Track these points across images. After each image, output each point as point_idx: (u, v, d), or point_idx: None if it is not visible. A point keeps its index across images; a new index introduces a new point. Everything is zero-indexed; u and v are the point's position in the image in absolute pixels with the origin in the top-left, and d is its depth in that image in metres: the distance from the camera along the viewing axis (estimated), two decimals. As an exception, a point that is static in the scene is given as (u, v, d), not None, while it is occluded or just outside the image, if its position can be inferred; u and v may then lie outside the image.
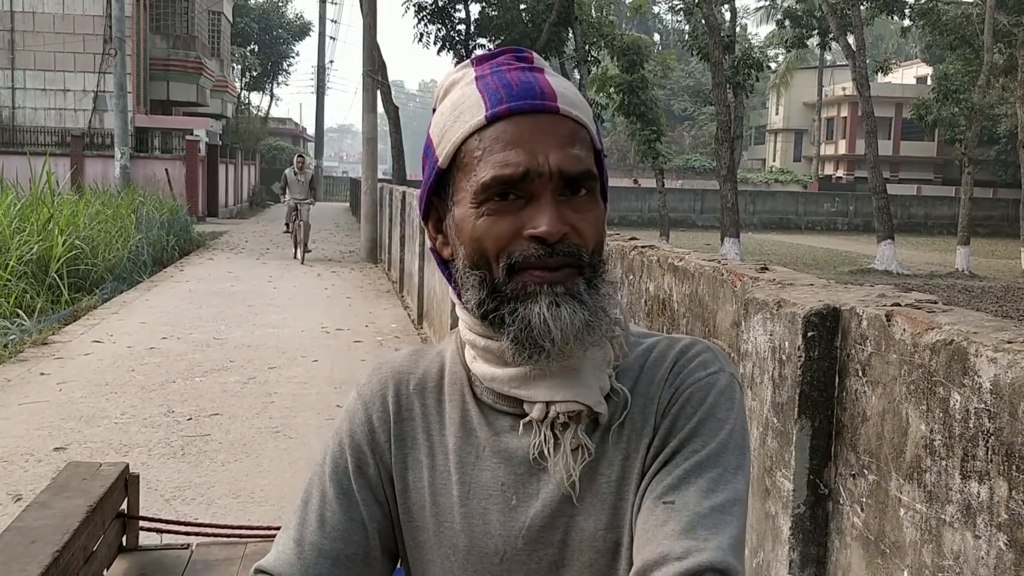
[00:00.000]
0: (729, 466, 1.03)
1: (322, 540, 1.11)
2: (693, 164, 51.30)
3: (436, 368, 1.18)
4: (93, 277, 12.17)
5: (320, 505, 1.13)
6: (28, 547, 1.94)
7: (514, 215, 1.02)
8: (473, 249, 1.04)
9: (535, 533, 1.07)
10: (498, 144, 1.02)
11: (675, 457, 1.03)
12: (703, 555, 0.93)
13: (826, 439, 1.91)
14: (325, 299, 12.18)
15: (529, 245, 1.01)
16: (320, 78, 54.84)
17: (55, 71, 27.13)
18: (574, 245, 1.02)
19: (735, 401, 1.07)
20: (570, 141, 1.03)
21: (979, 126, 25.74)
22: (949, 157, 46.14)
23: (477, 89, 1.04)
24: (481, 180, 1.02)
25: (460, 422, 1.13)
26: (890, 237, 22.65)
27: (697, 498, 0.99)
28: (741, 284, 2.28)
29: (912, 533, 1.62)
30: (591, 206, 1.04)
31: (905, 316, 1.68)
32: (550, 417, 1.06)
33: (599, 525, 1.06)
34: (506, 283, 1.03)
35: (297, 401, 6.75)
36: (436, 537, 1.12)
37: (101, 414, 6.25)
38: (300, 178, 17.08)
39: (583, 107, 1.06)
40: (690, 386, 1.07)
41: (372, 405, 1.17)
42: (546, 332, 1.00)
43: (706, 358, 1.10)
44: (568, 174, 1.01)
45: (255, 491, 4.86)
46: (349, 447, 1.16)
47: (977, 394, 1.45)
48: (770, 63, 30.38)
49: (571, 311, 1.01)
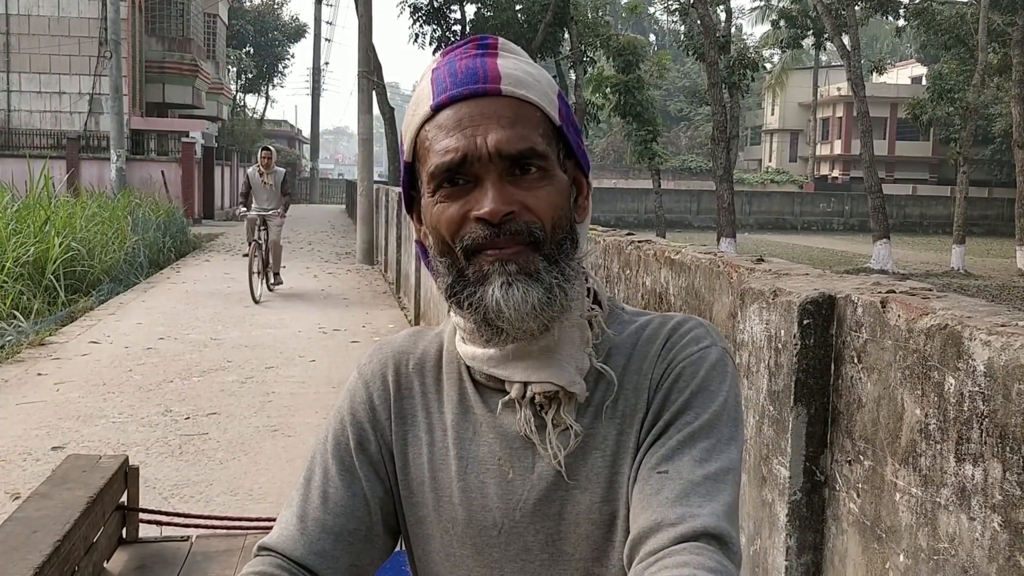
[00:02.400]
0: (722, 436, 1.04)
1: (325, 516, 1.12)
2: (689, 165, 51.36)
3: (435, 348, 1.20)
4: (90, 279, 12.16)
5: (323, 481, 1.14)
6: (29, 537, 1.94)
7: (463, 199, 1.04)
8: (436, 236, 1.07)
9: (532, 506, 1.09)
10: (441, 132, 1.04)
11: (668, 429, 1.05)
12: (697, 521, 0.95)
13: (822, 426, 1.92)
14: (322, 300, 12.18)
15: (476, 227, 1.03)
16: (315, 80, 54.82)
17: (50, 74, 27.09)
18: (523, 223, 1.03)
19: (727, 374, 1.09)
20: (511, 121, 1.04)
21: (974, 125, 25.80)
22: (944, 157, 46.24)
23: (430, 81, 1.08)
24: (429, 169, 1.05)
25: (458, 399, 1.15)
26: (886, 237, 22.70)
27: (690, 467, 1.00)
28: (737, 275, 2.29)
29: (908, 517, 1.63)
30: (543, 183, 1.05)
31: (900, 302, 1.69)
32: (527, 397, 1.08)
33: (595, 499, 1.08)
34: (467, 267, 1.05)
35: (295, 400, 6.76)
36: (435, 512, 1.14)
37: (99, 413, 6.25)
38: (267, 180, 12.38)
39: (535, 86, 1.07)
40: (682, 361, 1.09)
41: (373, 383, 1.19)
42: (499, 313, 1.02)
43: (698, 333, 1.12)
44: (508, 153, 1.03)
45: (253, 489, 4.87)
46: (351, 424, 1.17)
47: (971, 377, 1.47)
48: (765, 63, 30.43)
49: (523, 290, 1.02)
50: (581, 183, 1.14)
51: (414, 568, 1.20)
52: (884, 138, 50.27)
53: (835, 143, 53.81)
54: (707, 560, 0.92)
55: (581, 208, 1.14)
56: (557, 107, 1.09)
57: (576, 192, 1.13)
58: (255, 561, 1.12)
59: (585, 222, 1.14)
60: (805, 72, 54.05)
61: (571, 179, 1.11)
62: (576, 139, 1.12)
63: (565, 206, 1.08)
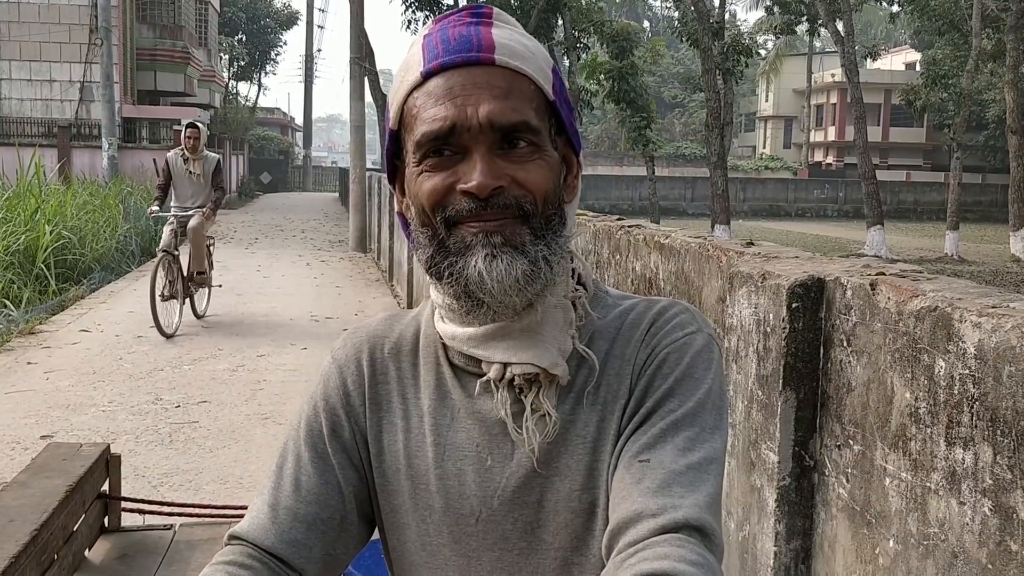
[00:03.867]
0: (706, 425, 1.01)
1: (297, 504, 1.09)
2: (683, 152, 51.26)
3: (411, 332, 1.17)
4: (81, 267, 12.10)
5: (295, 469, 1.12)
6: (5, 526, 1.91)
7: (449, 170, 1.00)
8: (417, 207, 1.04)
9: (510, 494, 1.06)
10: (430, 100, 1.01)
11: (651, 417, 1.02)
12: (679, 512, 0.92)
13: (811, 410, 1.90)
14: (314, 288, 12.14)
15: (462, 200, 0.99)
16: (308, 67, 54.60)
17: (41, 62, 26.92)
18: (512, 197, 1.00)
19: (712, 361, 1.06)
20: (504, 93, 1.00)
21: (968, 111, 25.76)
22: (938, 143, 46.27)
23: (421, 47, 1.03)
24: (415, 138, 1.01)
25: (435, 384, 1.12)
26: (880, 223, 22.70)
27: (673, 456, 0.97)
28: (726, 259, 2.27)
29: (897, 502, 1.61)
30: (534, 157, 1.01)
31: (890, 284, 1.67)
32: (507, 378, 1.05)
33: (574, 486, 1.05)
34: (448, 237, 1.01)
35: (286, 388, 6.73)
36: (411, 500, 1.11)
37: (88, 402, 6.21)
38: (193, 169, 8.99)
39: (530, 58, 1.03)
40: (666, 347, 1.05)
41: (347, 368, 1.16)
42: (481, 284, 0.99)
43: (683, 319, 1.08)
44: (500, 125, 0.99)
45: (243, 477, 4.84)
46: (324, 410, 1.14)
47: (962, 360, 1.44)
48: (759, 50, 30.36)
49: (508, 262, 0.99)
50: (571, 162, 1.10)
51: (389, 558, 1.17)
52: (878, 124, 50.24)
53: (829, 129, 53.77)
54: (688, 552, 0.89)
55: (570, 188, 1.10)
56: (551, 81, 1.05)
57: (565, 171, 1.09)
58: (225, 550, 1.09)
59: (573, 203, 1.10)
60: (799, 58, 53.94)
61: (561, 157, 1.07)
62: (568, 116, 1.08)
63: (556, 183, 1.04)
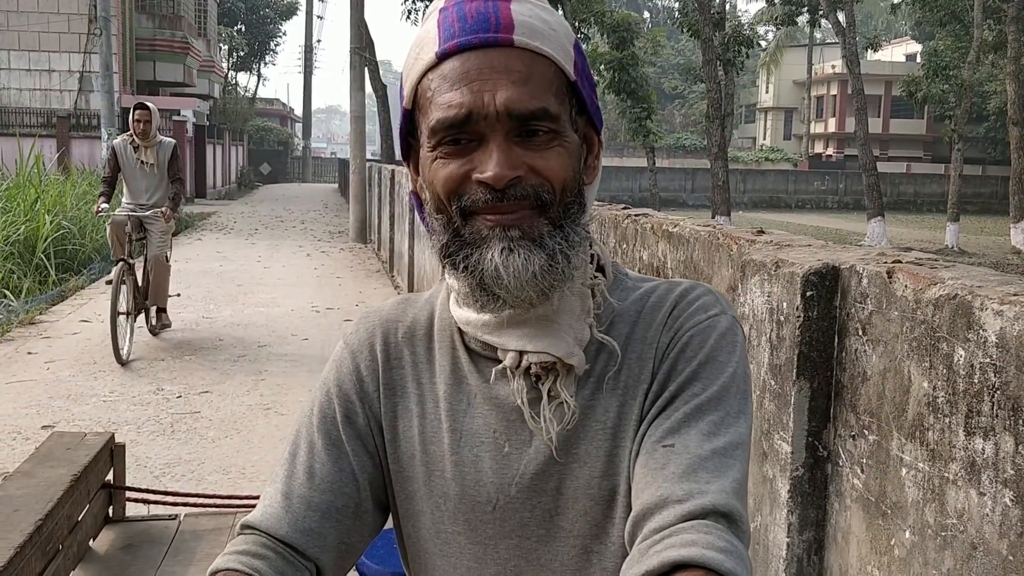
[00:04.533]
0: (731, 410, 0.99)
1: (311, 492, 1.07)
2: (684, 143, 51.20)
3: (425, 316, 1.14)
4: (80, 257, 12.08)
5: (308, 457, 1.09)
6: (10, 516, 1.89)
7: (466, 158, 0.97)
8: (432, 193, 1.01)
9: (528, 481, 1.04)
10: (445, 83, 0.97)
11: (675, 401, 0.99)
12: (705, 498, 0.90)
13: (825, 400, 1.88)
14: (315, 279, 12.12)
15: (478, 190, 0.96)
16: (307, 58, 54.48)
17: (40, 51, 26.83)
18: (530, 187, 0.96)
19: (737, 344, 1.03)
20: (524, 78, 0.96)
21: (968, 103, 25.72)
22: (938, 135, 46.11)
23: (436, 24, 0.99)
24: (430, 123, 0.98)
25: (451, 369, 1.09)
26: (880, 215, 22.68)
27: (698, 441, 0.95)
28: (738, 247, 2.24)
29: (914, 493, 1.59)
30: (553, 144, 0.98)
31: (907, 272, 1.64)
32: (523, 366, 1.02)
33: (594, 473, 1.03)
34: (464, 227, 0.99)
35: (288, 379, 6.71)
36: (426, 487, 1.08)
37: (89, 392, 6.20)
38: (145, 158, 7.65)
39: (551, 36, 0.99)
40: (690, 330, 1.03)
41: (360, 354, 1.13)
42: (497, 279, 0.96)
43: (706, 301, 1.06)
44: (518, 114, 0.95)
45: (245, 467, 4.83)
46: (337, 396, 1.12)
47: (982, 348, 1.42)
48: (760, 41, 30.28)
49: (525, 257, 0.96)
50: (592, 141, 1.07)
51: (403, 546, 1.15)
52: (878, 116, 50.17)
53: (829, 121, 53.70)
54: (715, 539, 0.87)
55: (590, 168, 1.07)
56: (573, 59, 1.01)
57: (586, 151, 1.06)
58: (238, 540, 1.07)
59: (594, 184, 1.07)
60: (800, 50, 53.82)
61: (582, 137, 1.04)
62: (590, 94, 1.04)
63: (575, 168, 1.01)
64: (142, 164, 7.66)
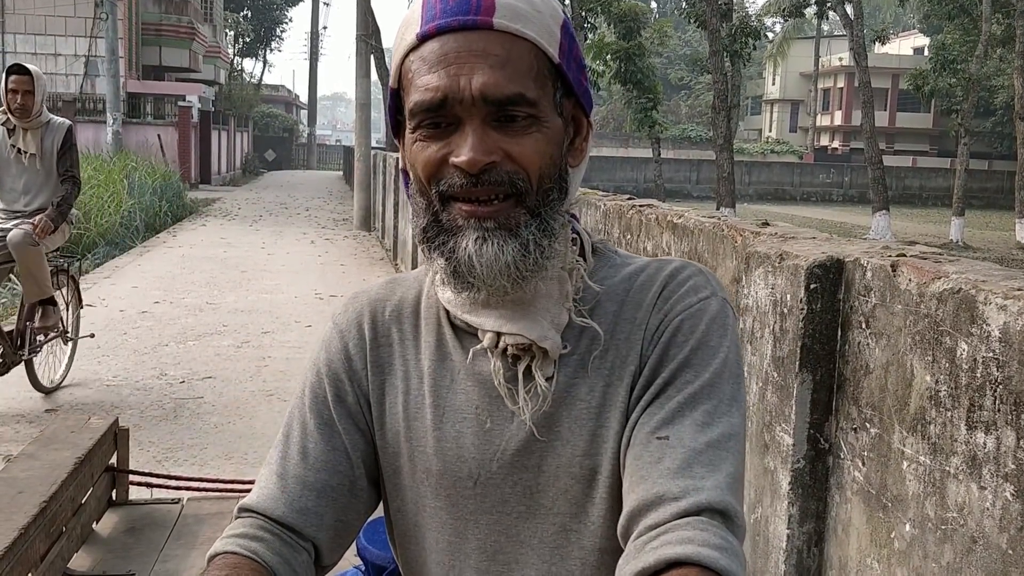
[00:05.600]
0: (724, 397, 0.99)
1: (306, 472, 1.08)
2: (689, 134, 51.08)
3: (414, 294, 1.16)
4: (85, 242, 12.10)
5: (302, 437, 1.10)
6: (15, 498, 1.91)
7: (444, 141, 0.98)
8: (414, 175, 1.02)
9: (509, 457, 1.05)
10: (424, 66, 0.97)
11: (667, 389, 1.00)
12: (701, 495, 0.90)
13: (827, 393, 1.88)
14: (319, 266, 12.13)
15: (454, 174, 0.97)
16: (313, 44, 54.39)
17: (46, 35, 26.81)
18: (505, 173, 0.96)
19: (728, 327, 1.03)
20: (502, 61, 0.95)
21: (976, 97, 25.64)
22: (945, 129, 46.02)
23: (421, 4, 0.99)
24: (409, 105, 0.99)
25: (435, 346, 1.10)
26: (885, 208, 22.63)
27: (692, 433, 0.95)
28: (742, 239, 2.24)
29: (915, 486, 1.60)
30: (531, 131, 0.98)
31: (911, 266, 1.64)
32: (500, 347, 1.03)
33: (576, 452, 1.03)
34: (442, 212, 0.99)
35: (291, 365, 6.72)
36: (410, 462, 1.09)
37: (93, 376, 6.21)
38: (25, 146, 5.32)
39: (534, 18, 0.98)
40: (680, 313, 1.03)
41: (348, 333, 1.14)
42: (471, 268, 0.97)
43: (697, 282, 1.05)
44: (494, 98, 0.95)
45: (248, 452, 4.84)
46: (327, 376, 1.13)
47: (985, 343, 1.42)
48: (767, 32, 30.19)
49: (498, 247, 0.96)
50: (580, 123, 1.07)
51: (390, 523, 1.16)
52: (885, 109, 50.00)
53: (835, 114, 53.54)
54: (711, 536, 0.87)
55: (577, 151, 1.07)
56: (558, 41, 1.00)
57: (574, 133, 1.06)
58: (235, 523, 1.08)
59: (580, 166, 1.07)
60: (806, 42, 53.63)
61: (569, 119, 1.04)
62: (578, 76, 1.04)
63: (555, 154, 1.01)
64: (19, 154, 5.34)
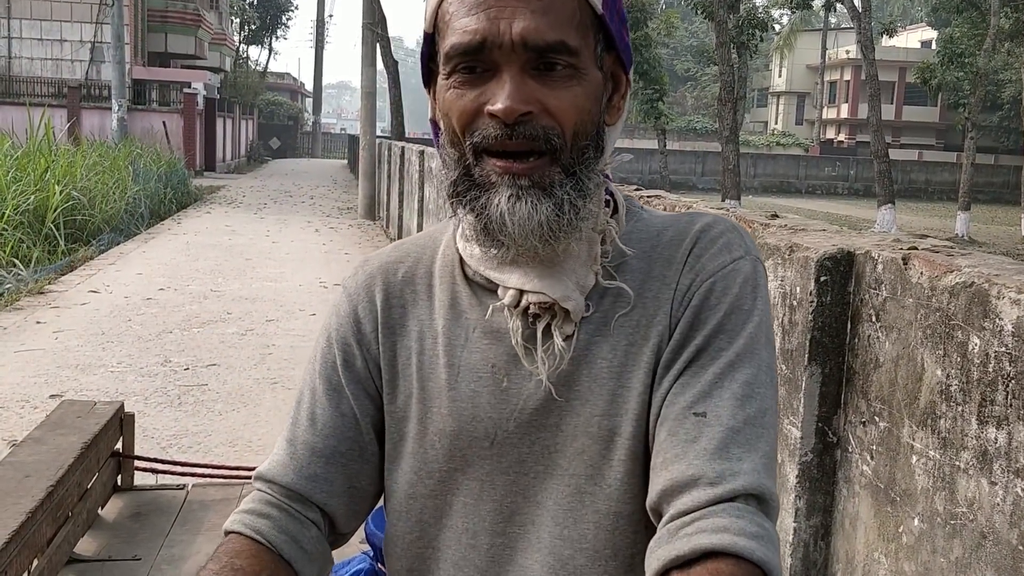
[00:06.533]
0: (762, 364, 0.96)
1: (314, 438, 1.07)
2: (695, 126, 50.96)
3: (428, 254, 1.13)
4: (90, 228, 12.09)
5: (311, 403, 1.09)
6: (22, 481, 1.91)
7: (479, 89, 0.94)
8: (447, 125, 0.98)
9: (528, 416, 1.02)
10: (463, 8, 0.94)
11: (700, 357, 0.96)
12: (737, 480, 0.88)
13: (836, 386, 1.87)
14: (323, 254, 12.12)
15: (490, 124, 0.94)
16: (319, 32, 54.27)
17: (52, 21, 26.79)
18: (540, 127, 0.93)
19: (759, 288, 1.00)
20: (544, 7, 0.92)
21: (983, 91, 25.54)
22: (952, 122, 45.89)
23: None
24: (445, 49, 0.96)
25: (449, 304, 1.07)
26: (891, 202, 22.56)
27: (731, 408, 0.92)
28: (751, 230, 2.23)
29: (924, 480, 1.59)
30: (570, 83, 0.95)
31: (923, 259, 1.63)
32: (522, 306, 1.00)
33: (595, 412, 0.99)
34: (475, 166, 0.97)
35: (295, 353, 6.72)
36: (420, 425, 1.06)
37: (97, 363, 6.22)
38: None
39: None
40: (713, 274, 0.99)
41: (357, 297, 1.12)
42: (502, 226, 0.94)
43: (730, 239, 1.01)
44: (534, 45, 0.92)
45: (252, 440, 4.85)
46: (336, 341, 1.11)
47: (998, 337, 1.41)
48: (774, 24, 30.07)
49: (531, 205, 0.94)
50: (620, 80, 1.04)
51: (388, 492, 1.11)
52: (891, 103, 49.84)
53: (842, 107, 53.39)
54: (747, 524, 0.86)
55: (615, 108, 1.04)
56: None
57: (612, 90, 1.03)
58: (248, 497, 1.09)
59: (617, 125, 1.05)
60: (814, 34, 53.44)
61: (608, 75, 1.01)
62: (620, 30, 1.01)
63: (593, 109, 0.98)
64: None
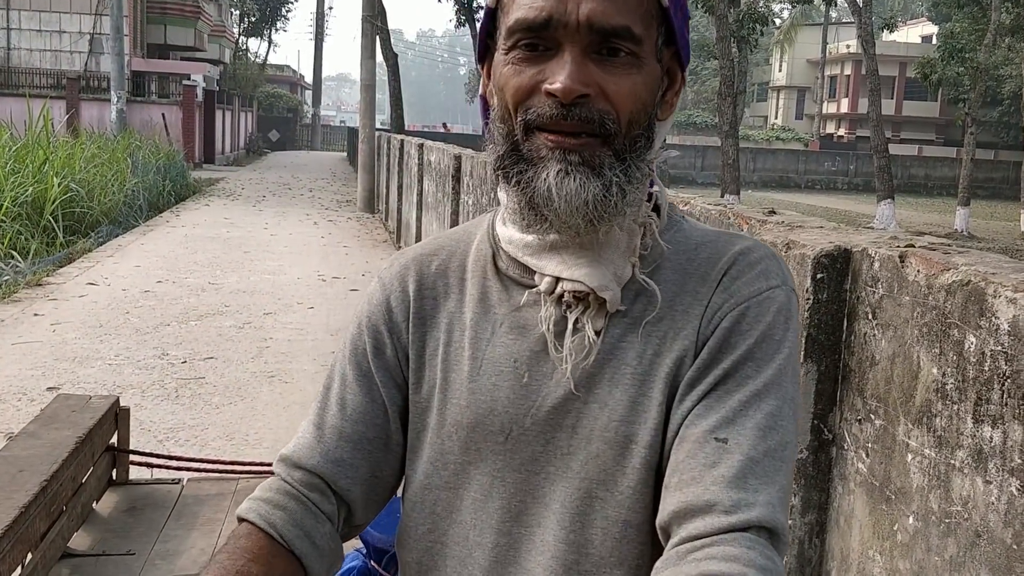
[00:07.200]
0: (787, 397, 0.95)
1: (343, 423, 1.08)
2: (694, 120, 50.94)
3: (462, 247, 1.13)
4: (88, 220, 12.09)
5: (341, 388, 1.10)
6: (16, 476, 1.90)
7: (538, 67, 0.94)
8: (500, 100, 0.98)
9: (545, 414, 1.01)
10: None
11: (727, 381, 0.95)
12: (752, 512, 0.88)
13: (832, 384, 1.87)
14: (321, 247, 12.11)
15: (545, 102, 0.93)
16: (319, 24, 54.17)
17: (51, 12, 26.76)
18: (596, 110, 0.93)
19: (791, 320, 0.99)
20: None
21: (983, 86, 25.51)
22: (951, 118, 45.81)
23: None
24: (508, 23, 0.95)
25: (479, 297, 1.08)
26: (890, 197, 22.56)
27: (753, 439, 0.92)
28: (748, 227, 2.23)
29: (919, 478, 1.59)
30: (630, 70, 0.94)
31: (920, 257, 1.63)
32: (557, 293, 1.00)
33: (613, 416, 0.99)
34: (524, 141, 0.96)
35: (293, 347, 6.72)
36: (439, 415, 1.07)
37: (95, 355, 6.21)
38: None
39: None
40: (748, 299, 0.98)
41: (391, 286, 1.13)
42: (548, 200, 0.94)
43: (767, 267, 1.01)
44: (599, 27, 0.92)
45: (249, 433, 4.85)
46: (367, 328, 1.12)
47: (994, 336, 1.41)
48: (775, 18, 30.03)
49: (580, 182, 0.93)
50: (675, 76, 1.04)
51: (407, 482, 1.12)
52: (891, 97, 49.80)
53: (842, 101, 53.34)
54: (757, 556, 0.85)
55: (667, 104, 1.03)
56: None
57: (667, 86, 1.03)
58: (267, 482, 1.09)
59: (667, 121, 1.04)
60: (814, 28, 53.39)
61: (665, 70, 1.01)
62: (682, 25, 1.00)
63: (649, 100, 0.97)
64: None
